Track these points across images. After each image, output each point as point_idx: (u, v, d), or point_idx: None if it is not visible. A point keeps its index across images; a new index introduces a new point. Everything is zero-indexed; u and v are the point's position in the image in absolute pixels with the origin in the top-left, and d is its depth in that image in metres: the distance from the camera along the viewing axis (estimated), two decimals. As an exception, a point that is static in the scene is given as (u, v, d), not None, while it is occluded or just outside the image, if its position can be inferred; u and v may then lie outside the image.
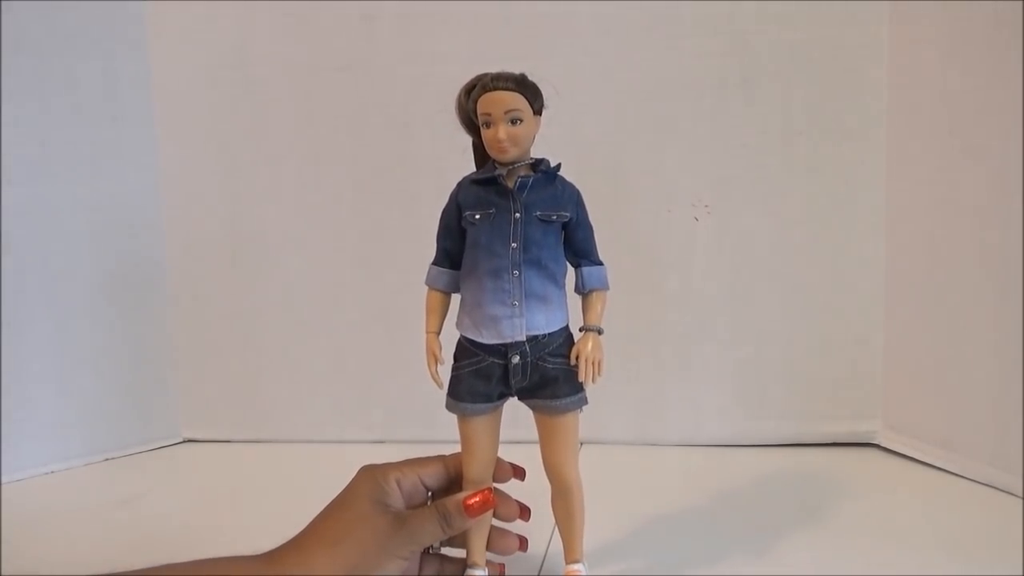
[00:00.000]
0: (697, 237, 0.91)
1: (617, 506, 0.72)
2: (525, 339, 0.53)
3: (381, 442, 0.97)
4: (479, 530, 0.57)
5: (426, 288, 0.57)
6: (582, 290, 0.56)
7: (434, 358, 0.55)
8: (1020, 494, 0.74)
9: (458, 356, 0.55)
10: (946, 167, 0.81)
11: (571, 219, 0.55)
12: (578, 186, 0.57)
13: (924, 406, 0.86)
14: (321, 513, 0.54)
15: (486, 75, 0.53)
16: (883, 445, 0.90)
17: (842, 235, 0.89)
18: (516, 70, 0.54)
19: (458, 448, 0.57)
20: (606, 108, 0.91)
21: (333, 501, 0.54)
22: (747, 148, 0.89)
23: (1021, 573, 0.60)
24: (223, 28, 0.96)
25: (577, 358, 0.54)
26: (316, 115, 0.96)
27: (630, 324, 0.91)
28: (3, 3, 0.86)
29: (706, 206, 0.91)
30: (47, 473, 0.91)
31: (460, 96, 0.54)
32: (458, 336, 0.56)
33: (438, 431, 0.60)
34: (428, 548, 0.58)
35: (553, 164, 0.55)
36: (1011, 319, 0.75)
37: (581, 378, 0.54)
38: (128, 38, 0.95)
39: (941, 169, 0.82)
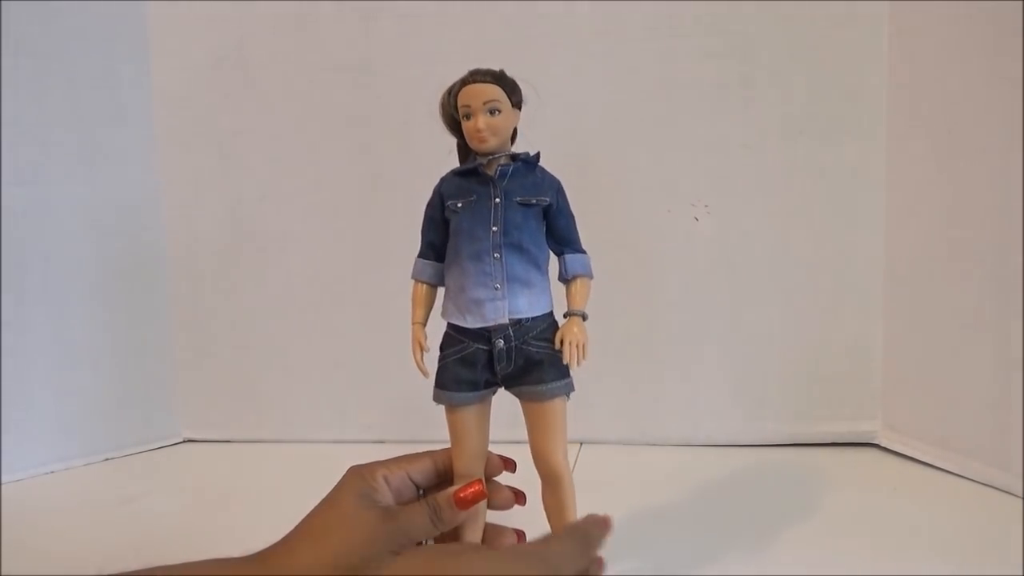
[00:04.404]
0: (697, 237, 0.91)
1: (616, 506, 0.71)
2: (508, 322, 0.53)
3: (381, 442, 0.97)
4: (472, 526, 0.56)
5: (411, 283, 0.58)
6: (565, 277, 0.56)
7: (419, 347, 0.56)
8: (1020, 494, 0.74)
9: (444, 346, 0.56)
10: (946, 167, 0.81)
11: (551, 205, 0.55)
12: (578, 186, 0.57)
13: (924, 406, 0.86)
14: (309, 512, 0.54)
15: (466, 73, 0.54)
16: (883, 445, 0.90)
17: (842, 235, 0.89)
18: (517, 71, 0.55)
19: (457, 448, 0.57)
20: (606, 108, 0.91)
21: (321, 501, 0.54)
22: (747, 148, 0.89)
23: (1021, 573, 0.60)
24: (223, 28, 0.96)
25: (562, 342, 0.54)
26: (316, 115, 0.96)
27: (630, 324, 0.91)
28: (3, 3, 0.86)
29: (706, 206, 0.91)
30: (47, 473, 0.91)
31: (443, 97, 0.56)
32: (444, 331, 0.56)
33: (438, 431, 0.60)
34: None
35: (532, 154, 0.56)
36: (1010, 319, 0.75)
37: (565, 360, 0.53)
38: (128, 38, 0.95)
39: (941, 169, 0.82)
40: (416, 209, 0.58)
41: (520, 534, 0.60)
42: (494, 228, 0.53)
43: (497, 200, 0.53)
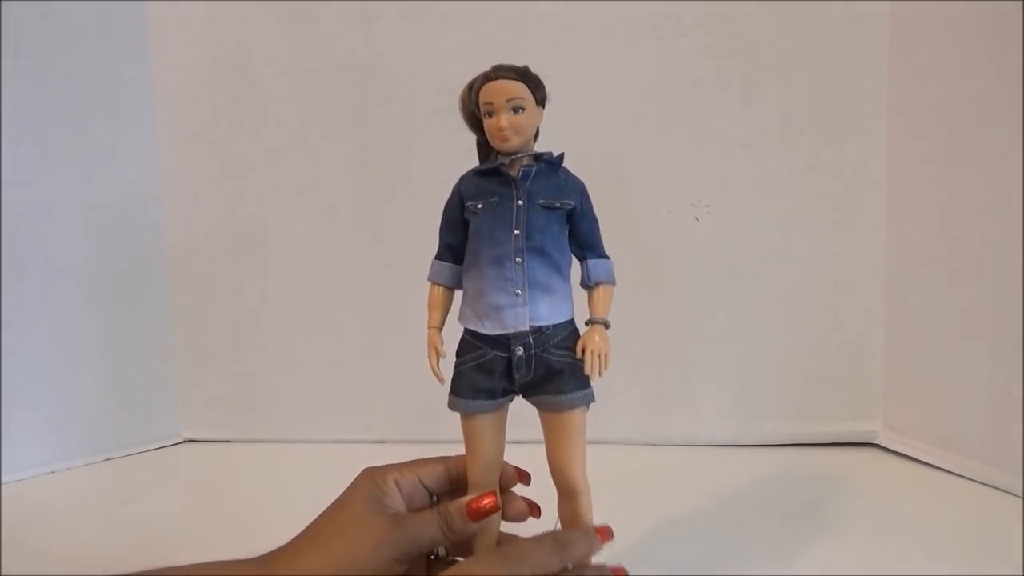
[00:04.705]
0: (697, 237, 0.91)
1: (618, 506, 0.72)
2: (528, 330, 0.51)
3: (381, 442, 0.97)
4: (486, 536, 0.55)
5: (427, 286, 0.57)
6: (588, 283, 0.55)
7: (435, 352, 0.54)
8: (1020, 494, 0.74)
9: (460, 352, 0.54)
10: (946, 167, 0.81)
11: (575, 208, 0.53)
12: (579, 185, 0.57)
13: (924, 406, 0.86)
14: (319, 515, 0.53)
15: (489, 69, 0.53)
16: (883, 445, 0.90)
17: (842, 235, 0.89)
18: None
19: (459, 449, 0.57)
20: (606, 108, 0.91)
21: (331, 503, 0.54)
22: (747, 148, 0.89)
23: (1021, 573, 0.60)
24: (223, 28, 0.96)
25: (583, 351, 0.52)
26: (316, 115, 0.96)
27: (631, 324, 0.91)
28: (3, 3, 0.86)
29: (706, 206, 0.91)
30: (47, 473, 0.91)
31: (463, 92, 0.53)
32: (461, 336, 0.55)
33: (439, 431, 0.60)
34: (436, 555, 0.57)
35: (556, 154, 0.55)
36: (1010, 319, 0.75)
37: (587, 371, 0.52)
38: (128, 38, 0.95)
39: (941, 169, 0.82)
40: (415, 209, 0.57)
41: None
42: (516, 232, 0.51)
43: (520, 202, 0.52)
